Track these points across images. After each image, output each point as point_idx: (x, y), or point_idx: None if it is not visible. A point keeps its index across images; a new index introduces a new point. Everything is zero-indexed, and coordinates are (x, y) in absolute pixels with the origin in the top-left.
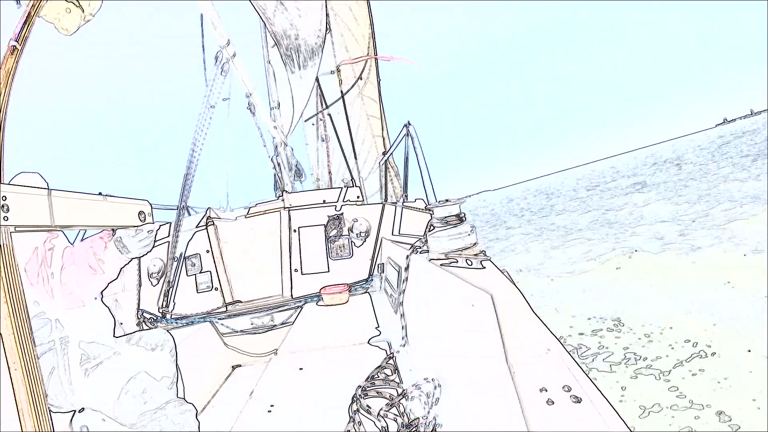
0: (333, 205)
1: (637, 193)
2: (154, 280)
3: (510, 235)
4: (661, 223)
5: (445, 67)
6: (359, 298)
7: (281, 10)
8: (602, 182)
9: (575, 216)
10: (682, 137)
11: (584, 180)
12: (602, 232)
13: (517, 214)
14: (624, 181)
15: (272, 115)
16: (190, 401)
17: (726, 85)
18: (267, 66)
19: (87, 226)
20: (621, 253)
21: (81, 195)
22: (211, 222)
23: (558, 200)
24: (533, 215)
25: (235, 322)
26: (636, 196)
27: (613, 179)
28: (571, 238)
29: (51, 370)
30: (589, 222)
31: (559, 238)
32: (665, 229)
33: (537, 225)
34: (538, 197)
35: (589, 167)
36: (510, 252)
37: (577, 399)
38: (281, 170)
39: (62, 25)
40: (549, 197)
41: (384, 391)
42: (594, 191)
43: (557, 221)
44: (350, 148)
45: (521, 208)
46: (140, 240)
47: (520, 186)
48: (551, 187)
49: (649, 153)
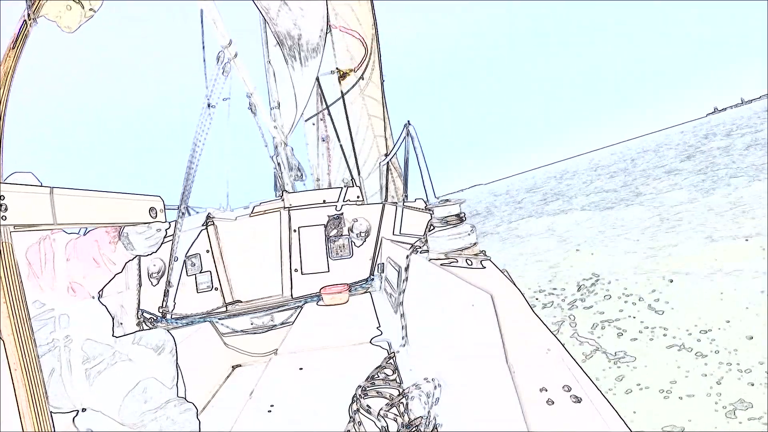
0: (333, 205)
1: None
2: (154, 280)
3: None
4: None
5: (446, 67)
6: (359, 298)
7: (285, 10)
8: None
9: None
10: (672, 127)
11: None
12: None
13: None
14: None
15: (272, 115)
16: (190, 401)
17: (717, 76)
18: (267, 66)
19: (92, 224)
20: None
21: (84, 192)
22: (211, 222)
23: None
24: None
25: (235, 322)
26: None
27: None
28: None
29: (51, 370)
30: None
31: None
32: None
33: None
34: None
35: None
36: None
37: (577, 399)
38: (281, 170)
39: (64, 23)
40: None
41: (384, 391)
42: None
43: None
44: (350, 148)
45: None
46: (147, 238)
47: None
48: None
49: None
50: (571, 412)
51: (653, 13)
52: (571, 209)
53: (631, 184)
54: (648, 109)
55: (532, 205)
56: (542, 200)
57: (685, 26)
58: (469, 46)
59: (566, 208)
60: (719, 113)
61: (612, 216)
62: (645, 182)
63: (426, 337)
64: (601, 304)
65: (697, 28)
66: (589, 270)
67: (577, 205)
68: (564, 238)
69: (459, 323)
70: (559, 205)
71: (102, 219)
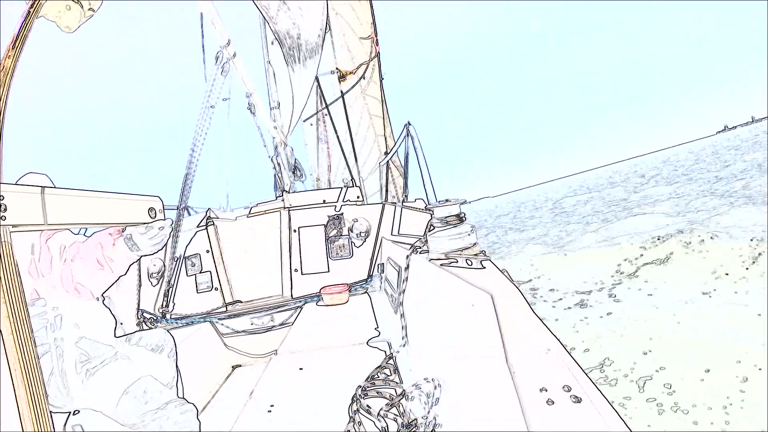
0: (333, 205)
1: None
2: (154, 280)
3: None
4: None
5: (445, 67)
6: (359, 298)
7: (284, 10)
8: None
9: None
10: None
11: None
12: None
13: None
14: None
15: (272, 115)
16: (190, 401)
17: (727, 90)
18: (267, 66)
19: (87, 224)
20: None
21: (79, 192)
22: (211, 222)
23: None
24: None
25: (235, 322)
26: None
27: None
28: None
29: (51, 370)
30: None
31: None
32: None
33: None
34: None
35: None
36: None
37: (577, 399)
38: (281, 170)
39: (63, 23)
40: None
41: (384, 391)
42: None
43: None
44: (350, 148)
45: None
46: (151, 237)
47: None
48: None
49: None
50: (571, 412)
51: (652, 13)
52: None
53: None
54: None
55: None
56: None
57: (702, 27)
58: (469, 46)
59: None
60: (730, 131)
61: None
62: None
63: (426, 337)
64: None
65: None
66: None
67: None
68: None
69: (459, 323)
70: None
71: (98, 219)
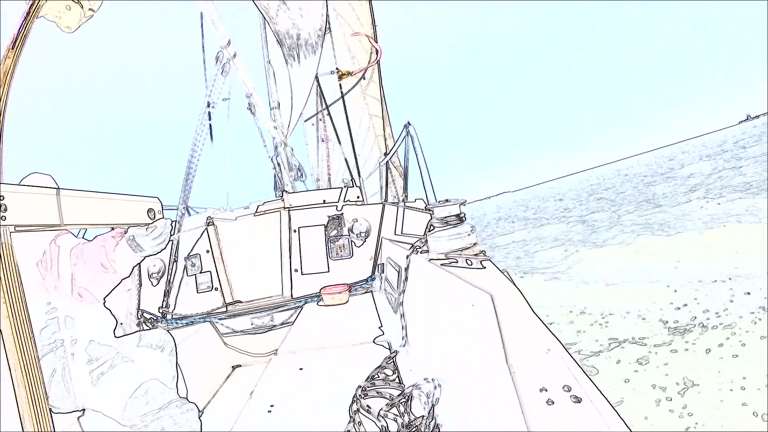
0: (333, 205)
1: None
2: (154, 280)
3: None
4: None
5: (445, 67)
6: (359, 298)
7: (284, 10)
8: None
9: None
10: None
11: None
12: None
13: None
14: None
15: (272, 115)
16: (191, 401)
17: (734, 84)
18: (267, 66)
19: (95, 225)
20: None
21: (89, 193)
22: (211, 222)
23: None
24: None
25: (235, 322)
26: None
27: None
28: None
29: (53, 370)
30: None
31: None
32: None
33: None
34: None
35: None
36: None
37: (577, 399)
38: (281, 170)
39: (63, 23)
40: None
41: (384, 391)
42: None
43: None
44: (350, 148)
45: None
46: (154, 238)
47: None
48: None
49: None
50: (571, 412)
51: (653, 12)
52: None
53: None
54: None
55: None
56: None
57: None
58: (469, 46)
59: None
60: (752, 120)
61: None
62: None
63: (426, 337)
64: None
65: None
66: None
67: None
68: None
69: (459, 323)
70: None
71: (104, 220)
